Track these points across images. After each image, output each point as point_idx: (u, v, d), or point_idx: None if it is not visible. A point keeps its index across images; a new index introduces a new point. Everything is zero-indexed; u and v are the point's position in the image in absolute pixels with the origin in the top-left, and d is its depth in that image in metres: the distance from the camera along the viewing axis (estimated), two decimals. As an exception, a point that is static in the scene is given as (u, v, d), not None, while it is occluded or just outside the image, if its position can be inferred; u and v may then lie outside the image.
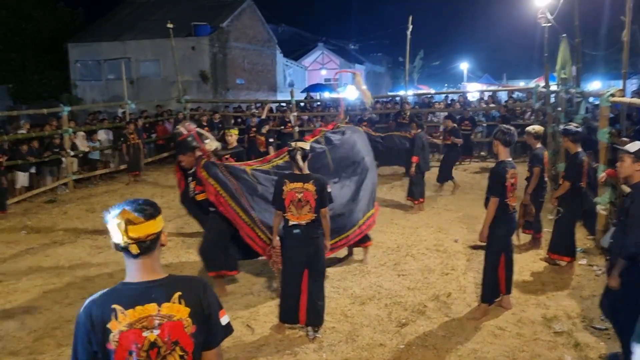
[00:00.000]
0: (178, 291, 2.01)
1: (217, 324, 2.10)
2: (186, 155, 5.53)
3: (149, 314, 1.95)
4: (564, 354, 4.39)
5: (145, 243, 1.98)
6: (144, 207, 2.00)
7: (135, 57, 25.88)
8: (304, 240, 4.66)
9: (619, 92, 6.70)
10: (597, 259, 6.58)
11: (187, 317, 2.00)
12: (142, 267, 2.01)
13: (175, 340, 1.98)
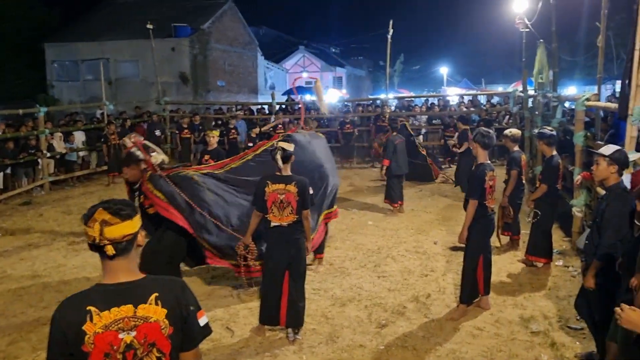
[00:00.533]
0: (155, 292, 1.98)
1: (196, 325, 2.08)
2: (130, 167, 5.28)
3: (125, 315, 1.93)
4: (540, 353, 4.45)
5: (122, 244, 1.96)
6: (121, 207, 1.97)
7: (114, 57, 25.61)
8: (285, 241, 4.65)
9: (594, 97, 6.84)
10: (573, 260, 6.68)
11: (164, 318, 1.97)
12: (118, 268, 1.98)
13: (152, 342, 1.96)
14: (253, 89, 31.77)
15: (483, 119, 14.83)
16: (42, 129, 12.13)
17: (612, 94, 15.42)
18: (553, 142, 6.37)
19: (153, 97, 18.69)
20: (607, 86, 21.86)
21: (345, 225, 8.72)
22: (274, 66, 38.89)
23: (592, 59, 25.69)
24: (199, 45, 25.90)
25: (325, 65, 46.57)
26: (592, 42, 8.44)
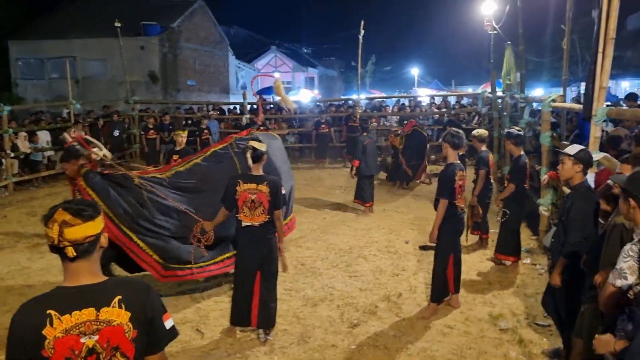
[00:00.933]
0: (118, 295, 1.94)
1: (161, 328, 2.04)
2: (69, 162, 5.18)
3: (86, 319, 1.88)
4: (509, 350, 4.52)
5: (83, 245, 1.90)
6: (82, 208, 1.92)
7: (81, 55, 25.08)
8: (257, 241, 4.61)
9: (559, 98, 6.99)
10: (540, 258, 6.81)
11: (128, 321, 1.93)
12: (79, 270, 1.93)
13: (116, 345, 1.91)
14: (224, 88, 31.53)
15: (450, 120, 15.02)
16: (5, 128, 11.78)
17: (578, 96, 15.82)
18: (520, 142, 6.49)
19: (122, 96, 18.37)
20: (573, 88, 22.41)
21: (317, 225, 8.72)
22: (245, 66, 38.66)
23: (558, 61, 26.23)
24: (169, 44, 25.57)
25: (297, 66, 46.53)
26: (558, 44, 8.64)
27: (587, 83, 5.15)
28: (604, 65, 4.58)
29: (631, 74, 26.40)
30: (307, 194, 11.36)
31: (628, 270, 2.54)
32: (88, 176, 5.03)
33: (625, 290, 2.58)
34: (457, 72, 42.24)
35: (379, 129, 16.32)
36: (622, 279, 2.56)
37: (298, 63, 46.89)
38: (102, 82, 24.67)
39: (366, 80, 43.77)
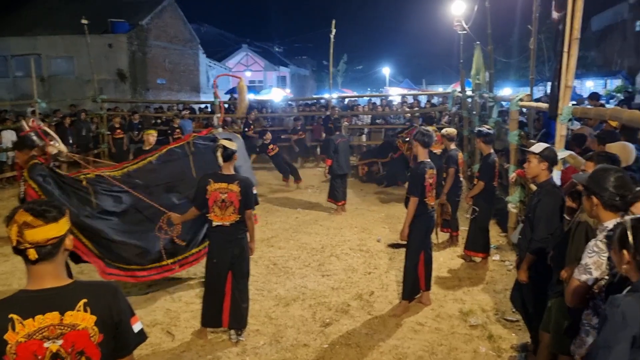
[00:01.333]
0: (83, 298, 1.89)
1: (129, 332, 2.00)
2: (22, 152, 5.05)
3: (50, 323, 1.83)
4: (479, 345, 4.58)
5: (46, 248, 1.85)
6: (46, 209, 1.87)
7: (46, 53, 24.50)
8: (228, 240, 4.56)
9: (527, 97, 7.12)
10: (509, 254, 6.93)
11: (93, 325, 1.89)
12: (43, 273, 1.87)
13: (81, 350, 1.87)
14: (195, 87, 31.21)
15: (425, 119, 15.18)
16: (-33, 127, 11.43)
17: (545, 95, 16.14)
18: (490, 140, 6.58)
19: (89, 95, 17.96)
20: (540, 87, 22.89)
21: (289, 225, 8.70)
22: (216, 64, 38.33)
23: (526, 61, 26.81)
24: (138, 41, 25.16)
25: (269, 65, 46.39)
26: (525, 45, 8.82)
27: (552, 82, 5.25)
28: (569, 65, 4.68)
29: (595, 74, 27.15)
30: (280, 194, 11.33)
31: (593, 265, 2.60)
32: (34, 169, 4.87)
33: (590, 285, 2.64)
34: (428, 72, 42.75)
35: (351, 128, 16.36)
36: (587, 274, 2.62)
37: (270, 62, 46.76)
38: (69, 81, 24.12)
39: (338, 80, 43.92)
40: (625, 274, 2.17)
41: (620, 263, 2.16)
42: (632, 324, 1.95)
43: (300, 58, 55.68)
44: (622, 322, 1.96)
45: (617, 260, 2.20)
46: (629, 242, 2.07)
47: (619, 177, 2.62)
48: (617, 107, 7.78)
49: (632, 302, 1.99)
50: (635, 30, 25.32)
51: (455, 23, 12.45)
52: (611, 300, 2.06)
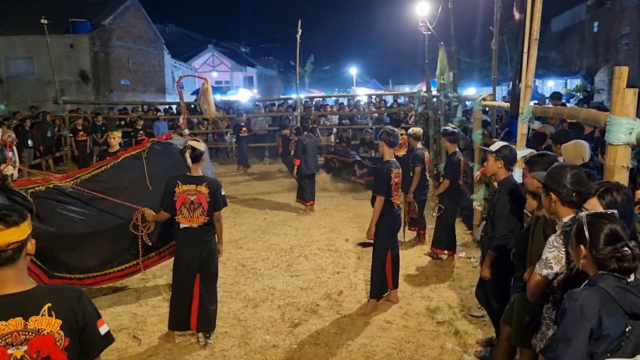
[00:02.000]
0: (48, 302, 1.86)
1: (95, 335, 1.97)
2: None
3: (13, 329, 1.79)
4: (445, 342, 4.66)
5: (6, 252, 1.82)
6: (5, 213, 1.84)
7: (5, 54, 23.78)
8: (197, 243, 4.51)
9: (489, 97, 7.28)
10: (474, 251, 7.06)
11: (59, 330, 1.86)
12: (4, 278, 1.83)
13: (46, 355, 1.84)
14: (160, 88, 30.76)
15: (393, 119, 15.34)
16: None
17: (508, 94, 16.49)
18: (455, 139, 6.69)
19: (50, 96, 17.52)
20: (503, 87, 23.38)
21: (258, 226, 8.67)
22: (182, 65, 37.88)
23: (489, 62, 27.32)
24: (100, 42, 24.65)
25: (236, 65, 46.08)
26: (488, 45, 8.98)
27: (513, 82, 5.38)
28: (529, 65, 4.80)
29: (555, 74, 27.88)
30: (248, 195, 11.29)
31: (553, 260, 2.68)
32: None
33: (551, 280, 2.72)
34: (394, 72, 43.11)
35: (319, 128, 16.39)
36: (547, 268, 2.69)
37: (236, 62, 46.44)
38: (29, 82, 23.46)
39: (305, 80, 43.92)
40: (582, 269, 2.24)
41: (577, 258, 2.22)
42: (589, 317, 2.02)
43: (267, 58, 55.46)
44: (580, 315, 2.02)
45: (574, 255, 2.27)
46: (585, 237, 2.13)
47: (575, 174, 2.71)
48: (575, 106, 8.02)
49: (589, 296, 2.06)
50: (593, 31, 26.11)
51: (420, 24, 12.61)
52: (569, 294, 2.13)
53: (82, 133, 13.98)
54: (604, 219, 2.14)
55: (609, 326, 2.03)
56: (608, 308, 2.04)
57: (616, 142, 2.78)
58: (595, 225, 2.13)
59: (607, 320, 2.03)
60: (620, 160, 2.79)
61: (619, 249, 2.07)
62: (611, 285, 2.06)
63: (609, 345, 2.06)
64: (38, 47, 20.97)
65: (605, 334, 2.03)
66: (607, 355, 2.07)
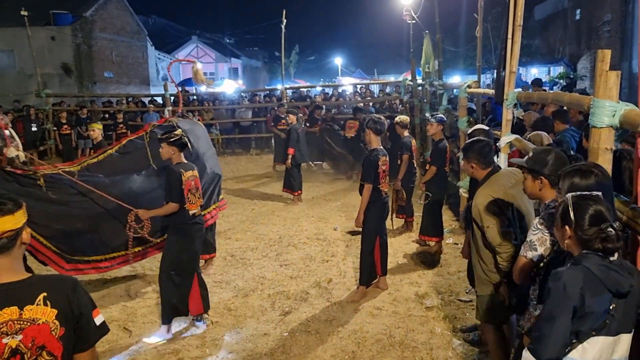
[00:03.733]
0: (43, 292, 1.86)
1: (90, 325, 1.97)
2: None
3: (8, 318, 1.79)
4: (434, 326, 4.72)
5: (1, 241, 1.82)
6: (0, 201, 1.83)
7: (-16, 47, 23.38)
8: (202, 228, 4.79)
9: (474, 84, 7.33)
10: (461, 238, 7.11)
11: (54, 319, 1.86)
12: (3, 267, 1.83)
13: (41, 344, 1.84)
14: (144, 80, 30.50)
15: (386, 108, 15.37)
16: None
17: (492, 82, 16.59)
18: (442, 126, 6.74)
19: (32, 90, 17.28)
20: (487, 75, 23.51)
21: (246, 217, 8.68)
22: (166, 57, 37.52)
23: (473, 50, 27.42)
24: (82, 34, 24.33)
25: (220, 56, 45.73)
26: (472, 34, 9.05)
27: (498, 69, 5.42)
28: (513, 51, 4.84)
29: (539, 61, 28.06)
30: (236, 185, 11.27)
31: (537, 242, 2.73)
32: None
33: (535, 262, 2.77)
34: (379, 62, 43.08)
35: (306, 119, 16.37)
36: (532, 250, 2.74)
37: (221, 53, 46.10)
38: (10, 75, 23.13)
39: (290, 70, 43.80)
40: (567, 249, 2.28)
41: (562, 238, 2.27)
42: (572, 296, 2.07)
43: (251, 49, 55.14)
44: (563, 293, 2.08)
45: (559, 236, 2.31)
46: (570, 218, 2.18)
47: (558, 155, 2.76)
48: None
49: (572, 275, 2.11)
50: (576, 19, 26.29)
51: (404, 13, 12.63)
52: (553, 273, 2.18)
53: (67, 126, 13.84)
54: (590, 200, 2.18)
55: (592, 304, 2.08)
56: (591, 287, 2.09)
57: (600, 125, 2.82)
58: (580, 206, 2.17)
59: (590, 298, 2.08)
60: (604, 142, 2.83)
61: (604, 229, 2.11)
62: (595, 264, 2.11)
63: (593, 323, 2.11)
64: (19, 40, 20.63)
65: (588, 312, 2.09)
66: (592, 333, 2.13)
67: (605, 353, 2.15)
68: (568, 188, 2.38)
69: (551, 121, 5.38)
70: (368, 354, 4.28)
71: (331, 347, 4.39)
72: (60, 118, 14.00)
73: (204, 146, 6.09)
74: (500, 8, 24.73)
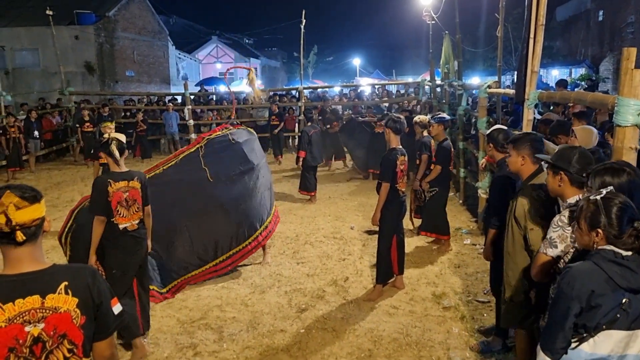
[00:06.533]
0: (64, 281, 1.88)
1: (109, 314, 1.99)
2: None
3: (31, 307, 1.82)
4: (451, 326, 4.69)
5: (30, 229, 1.85)
6: (26, 190, 1.86)
7: (10, 45, 23.82)
8: (138, 243, 4.26)
9: (494, 84, 7.26)
10: (479, 239, 7.07)
11: (75, 307, 1.88)
12: (23, 257, 1.86)
13: (63, 333, 1.86)
14: (165, 79, 30.81)
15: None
16: None
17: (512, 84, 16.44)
18: (446, 126, 6.77)
19: (56, 87, 17.57)
20: (507, 76, 23.29)
21: (264, 215, 8.71)
22: (186, 56, 37.90)
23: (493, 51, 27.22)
24: (105, 33, 24.67)
25: (239, 56, 46.01)
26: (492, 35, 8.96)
27: (519, 68, 5.37)
28: (535, 50, 4.79)
29: (560, 63, 27.74)
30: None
31: (558, 239, 2.70)
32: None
33: (555, 259, 2.75)
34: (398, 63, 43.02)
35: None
36: (552, 247, 2.72)
37: (240, 53, 46.39)
38: (35, 73, 23.55)
39: (309, 71, 43.88)
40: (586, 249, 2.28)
41: (589, 241, 2.23)
42: (577, 290, 2.11)
43: (270, 49, 55.42)
44: (568, 287, 2.13)
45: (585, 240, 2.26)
46: (601, 219, 2.15)
47: (583, 154, 2.73)
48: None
49: (580, 270, 2.14)
50: (599, 20, 25.93)
51: (424, 13, 12.57)
52: (564, 269, 2.21)
53: (89, 124, 14.03)
54: (616, 199, 2.16)
55: (600, 299, 2.09)
56: (599, 282, 2.10)
57: (624, 124, 2.79)
58: (610, 206, 2.14)
59: (597, 293, 2.09)
60: (628, 141, 2.80)
61: (638, 228, 2.10)
62: (605, 259, 2.11)
63: (602, 318, 2.11)
64: (43, 39, 21.03)
65: (595, 306, 2.09)
66: (602, 327, 2.13)
67: (618, 347, 2.15)
68: (599, 186, 2.36)
69: (569, 124, 5.30)
70: (384, 352, 4.27)
71: (347, 345, 4.40)
72: (83, 116, 14.21)
73: (257, 157, 6.18)
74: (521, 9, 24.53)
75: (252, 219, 5.96)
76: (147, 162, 14.07)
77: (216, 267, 5.70)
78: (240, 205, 5.84)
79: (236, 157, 5.93)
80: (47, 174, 13.01)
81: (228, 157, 5.87)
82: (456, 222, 7.76)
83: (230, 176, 5.83)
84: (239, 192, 5.87)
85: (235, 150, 5.95)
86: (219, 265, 5.71)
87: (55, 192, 10.42)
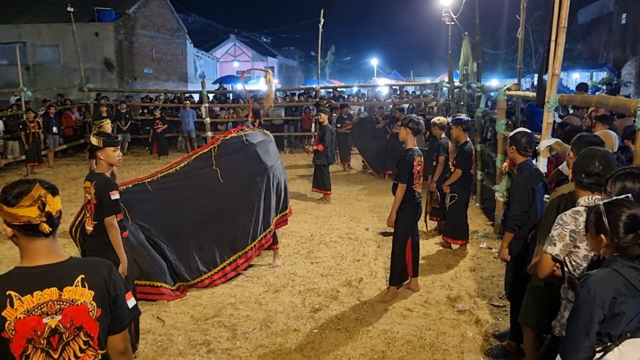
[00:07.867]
0: (81, 274, 1.91)
1: (124, 307, 2.02)
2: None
3: (48, 299, 1.84)
4: (466, 330, 4.65)
5: (54, 220, 1.89)
6: (48, 182, 1.90)
7: (32, 41, 24.14)
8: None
9: (514, 86, 7.19)
10: (496, 242, 7.01)
11: (92, 300, 1.90)
12: (41, 249, 1.88)
13: (79, 325, 1.89)
14: (183, 77, 31.01)
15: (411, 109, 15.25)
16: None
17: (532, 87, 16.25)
18: (467, 127, 6.65)
19: (75, 84, 17.77)
20: (527, 79, 23.03)
21: (278, 214, 8.71)
22: (204, 54, 38.11)
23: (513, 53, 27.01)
24: (124, 30, 24.90)
25: (257, 55, 46.18)
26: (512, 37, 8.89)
27: (539, 71, 5.31)
28: (556, 53, 4.73)
29: (581, 66, 27.37)
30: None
31: (557, 237, 2.69)
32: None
33: (555, 257, 2.73)
34: (416, 63, 42.83)
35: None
36: (552, 245, 2.71)
37: (257, 52, 46.56)
38: (55, 69, 23.84)
39: (326, 70, 43.88)
40: (604, 256, 2.24)
41: (597, 247, 2.23)
42: (598, 299, 2.07)
43: (288, 49, 55.51)
44: (588, 296, 2.08)
45: (594, 244, 2.27)
46: (605, 226, 2.13)
47: (603, 158, 2.69)
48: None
49: (600, 278, 2.11)
50: (621, 23, 25.53)
51: (443, 14, 12.48)
52: (582, 277, 2.17)
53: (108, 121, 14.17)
54: (622, 206, 2.13)
55: (622, 307, 2.06)
56: (621, 289, 2.07)
57: (646, 128, 2.74)
58: (614, 213, 2.13)
59: (619, 301, 2.06)
60: (650, 146, 2.75)
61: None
62: (624, 266, 2.08)
63: (626, 325, 2.08)
64: (64, 35, 21.29)
65: (619, 313, 2.05)
66: (626, 335, 2.09)
67: None
68: (619, 191, 2.33)
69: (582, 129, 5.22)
70: (397, 354, 4.25)
71: (360, 346, 4.38)
72: (101, 112, 14.36)
73: (271, 159, 6.18)
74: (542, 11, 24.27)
75: (260, 220, 5.97)
76: (164, 159, 14.17)
77: (224, 271, 5.74)
78: (248, 207, 5.84)
79: (249, 159, 5.92)
80: (65, 169, 13.17)
81: (241, 158, 5.87)
82: (472, 225, 7.68)
83: (241, 177, 5.84)
84: (249, 193, 5.87)
85: (248, 151, 5.94)
86: (226, 269, 5.74)
87: (72, 188, 10.53)
